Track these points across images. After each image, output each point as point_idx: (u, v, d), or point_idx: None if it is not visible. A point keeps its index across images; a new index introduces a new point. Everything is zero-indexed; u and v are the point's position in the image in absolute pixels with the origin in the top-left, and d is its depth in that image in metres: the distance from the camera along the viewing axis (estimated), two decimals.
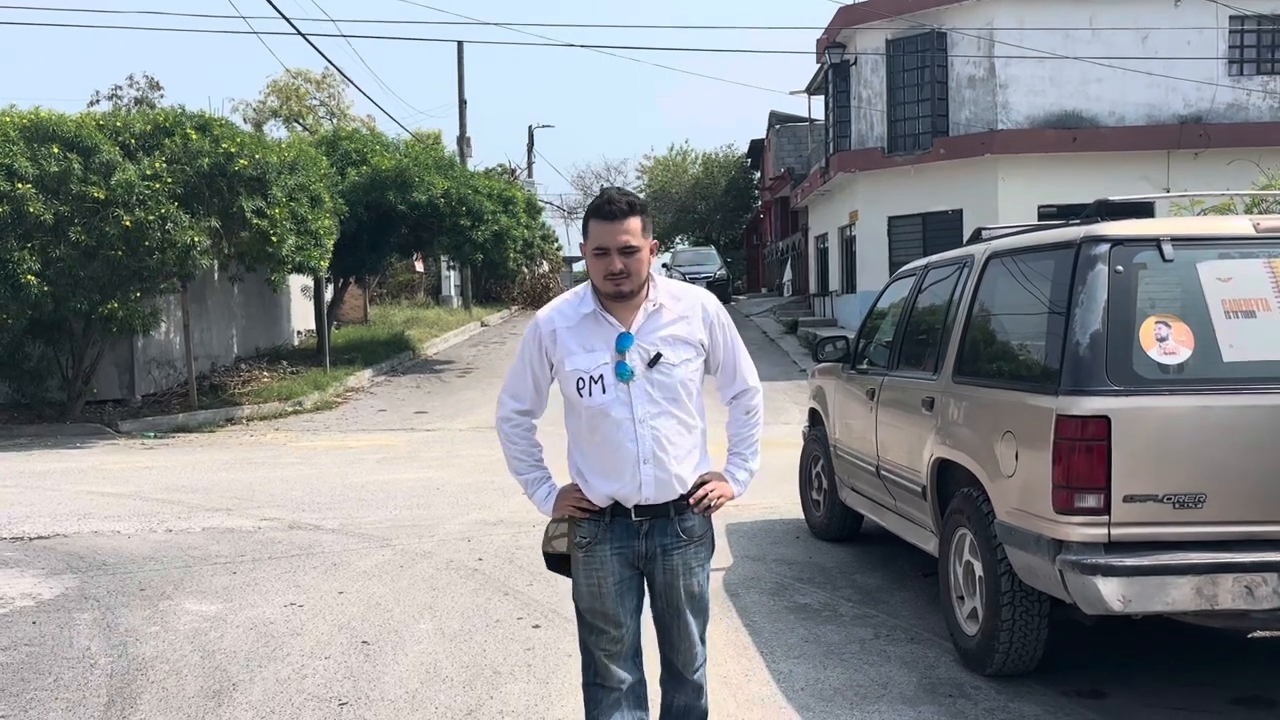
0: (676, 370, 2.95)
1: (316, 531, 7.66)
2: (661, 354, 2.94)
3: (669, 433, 2.95)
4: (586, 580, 3.05)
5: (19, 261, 12.38)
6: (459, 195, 19.52)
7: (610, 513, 3.01)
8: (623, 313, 2.98)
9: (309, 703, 4.34)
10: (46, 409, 14.65)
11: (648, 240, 2.97)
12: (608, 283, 2.93)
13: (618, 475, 2.96)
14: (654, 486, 2.95)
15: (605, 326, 2.97)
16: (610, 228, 2.90)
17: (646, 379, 2.93)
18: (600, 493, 2.99)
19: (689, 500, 3.01)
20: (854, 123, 23.77)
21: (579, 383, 2.95)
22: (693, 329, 3.01)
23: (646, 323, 2.97)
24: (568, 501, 3.05)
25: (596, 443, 2.98)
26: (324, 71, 36.61)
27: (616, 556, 3.02)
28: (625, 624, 3.06)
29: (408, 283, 32.59)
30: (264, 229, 13.82)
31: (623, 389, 2.93)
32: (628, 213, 2.91)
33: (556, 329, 3.03)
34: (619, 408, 2.93)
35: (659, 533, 3.01)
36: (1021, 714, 4.13)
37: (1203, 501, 3.78)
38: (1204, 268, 3.96)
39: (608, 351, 2.95)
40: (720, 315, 3.10)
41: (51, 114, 13.59)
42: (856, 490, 6.47)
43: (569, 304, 3.08)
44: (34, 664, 4.86)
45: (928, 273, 5.85)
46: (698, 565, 3.07)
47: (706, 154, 52.17)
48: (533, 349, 3.10)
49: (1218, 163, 18.79)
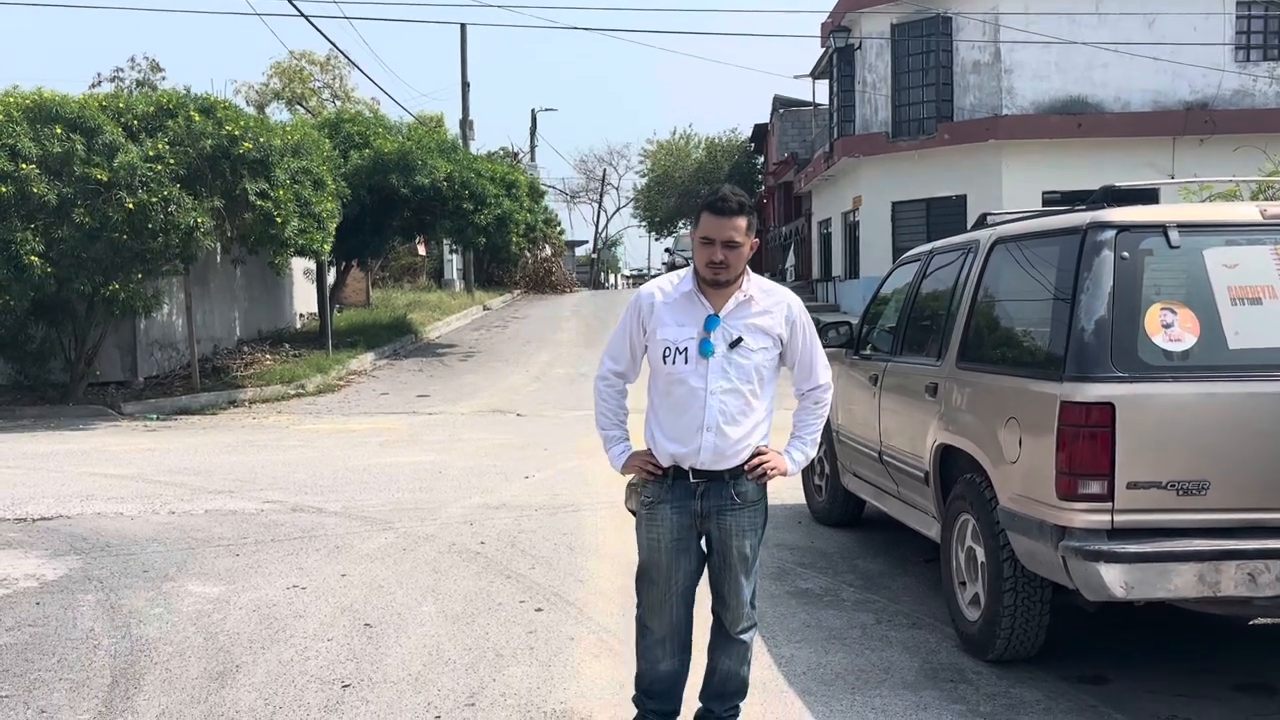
0: (754, 355, 3.29)
1: (319, 514, 7.67)
2: (743, 338, 3.27)
3: (734, 409, 3.27)
4: (648, 535, 3.40)
5: (22, 242, 12.37)
6: (462, 178, 19.47)
7: (672, 475, 3.34)
8: (716, 298, 3.30)
9: (312, 684, 4.35)
10: (49, 390, 14.66)
11: (750, 239, 3.27)
12: (708, 270, 3.23)
13: (682, 438, 3.29)
14: (712, 453, 3.28)
15: (698, 306, 3.30)
16: (719, 222, 3.21)
17: (725, 358, 3.26)
18: (665, 452, 3.33)
19: (744, 468, 3.33)
20: (858, 107, 23.70)
21: (665, 351, 3.29)
22: (775, 323, 3.34)
23: (735, 310, 3.30)
24: (636, 462, 3.40)
25: (670, 406, 3.31)
26: (328, 54, 36.49)
27: (675, 514, 3.35)
28: (675, 577, 3.39)
29: (410, 266, 32.57)
30: (267, 211, 13.78)
31: (702, 363, 3.26)
32: (737, 211, 3.22)
33: (655, 302, 3.36)
34: (695, 378, 3.26)
35: (714, 494, 3.34)
36: (1023, 699, 4.13)
37: (1206, 489, 3.78)
38: (1210, 254, 3.94)
39: (696, 328, 3.28)
40: (803, 316, 3.42)
41: (54, 95, 13.55)
42: (859, 475, 6.47)
43: (671, 281, 3.41)
44: (38, 645, 4.88)
45: (932, 258, 5.83)
46: (750, 529, 3.39)
47: (710, 138, 52.04)
48: (633, 317, 3.42)
49: (1223, 149, 18.73)
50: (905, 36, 22.51)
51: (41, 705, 4.16)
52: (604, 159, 61.00)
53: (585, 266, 53.59)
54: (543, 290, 37.04)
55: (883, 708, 4.07)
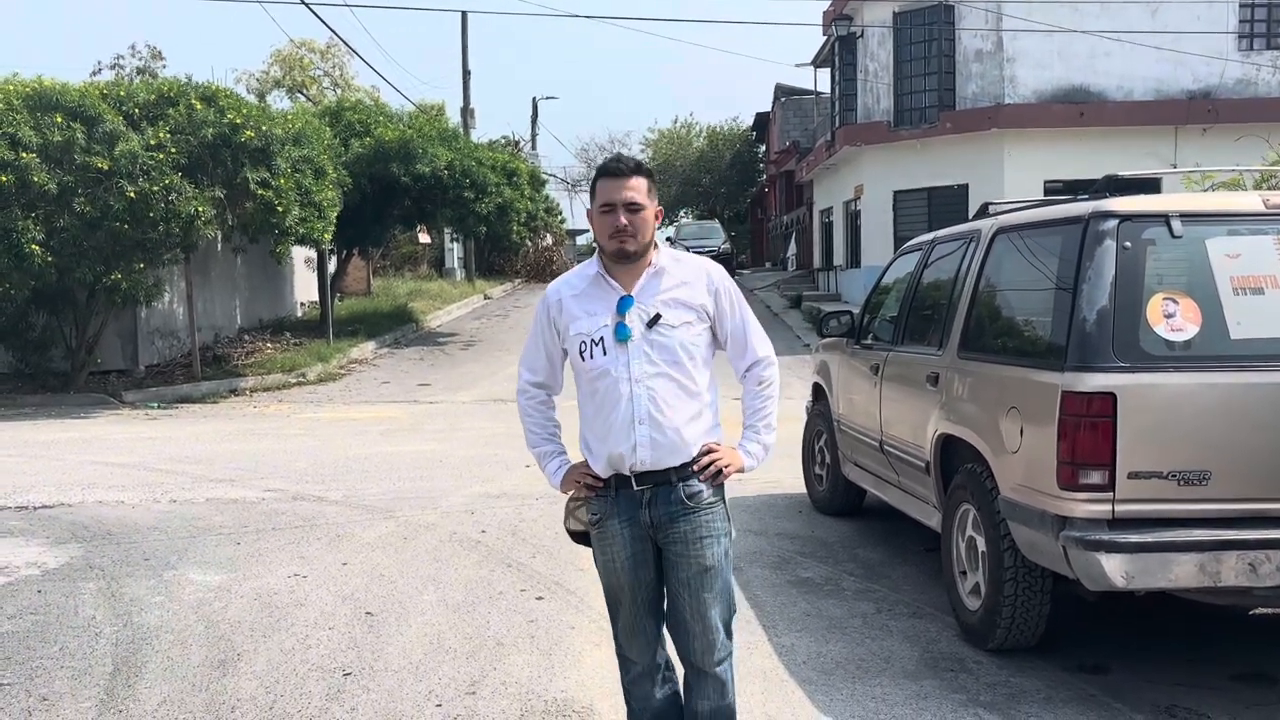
0: (676, 332, 2.95)
1: (320, 503, 7.68)
2: (660, 315, 2.94)
3: (666, 394, 2.93)
4: (602, 556, 3.07)
5: (23, 231, 12.36)
6: (463, 167, 19.45)
7: (615, 485, 3.00)
8: (626, 277, 2.99)
9: (313, 673, 4.36)
10: (50, 379, 14.67)
11: (653, 204, 2.99)
12: (612, 241, 2.94)
13: (614, 437, 2.95)
14: (650, 449, 2.93)
15: (608, 290, 2.99)
16: (616, 184, 2.93)
17: (645, 339, 2.93)
18: (601, 459, 2.99)
19: (693, 467, 2.97)
20: (860, 96, 23.63)
21: (581, 346, 2.98)
22: (695, 293, 3.00)
23: (647, 285, 2.98)
24: (574, 476, 3.08)
25: (597, 406, 2.99)
26: (328, 42, 36.41)
27: (626, 530, 3.00)
28: (639, 595, 3.05)
29: (411, 255, 32.54)
30: (268, 200, 13.77)
31: (621, 350, 2.94)
32: (634, 171, 2.95)
33: (563, 298, 3.06)
34: (617, 367, 2.94)
35: (662, 500, 2.97)
36: (1023, 689, 4.14)
37: (1207, 479, 3.77)
38: (1213, 244, 3.93)
39: (608, 314, 2.96)
40: (725, 283, 3.06)
41: (55, 83, 13.53)
42: (859, 465, 6.48)
43: (576, 273, 3.12)
44: (40, 633, 4.89)
45: (933, 248, 5.82)
46: (708, 536, 2.98)
47: (711, 127, 51.92)
48: (542, 320, 3.12)
49: (1226, 138, 18.63)
50: (907, 25, 22.42)
51: (43, 693, 4.17)
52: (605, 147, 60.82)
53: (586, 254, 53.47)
54: (544, 279, 36.93)
55: (883, 696, 4.08)
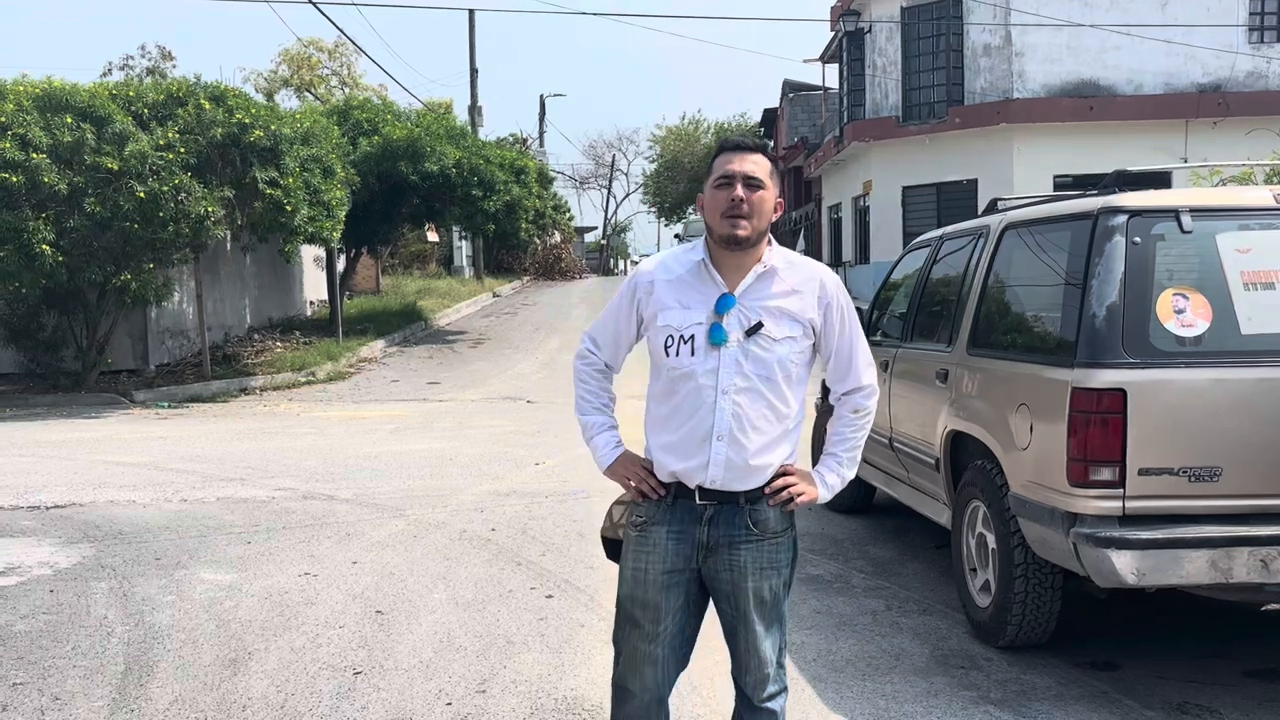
0: (776, 346, 2.64)
1: (330, 501, 7.70)
2: (763, 324, 2.63)
3: (753, 413, 2.63)
4: (633, 564, 2.73)
5: (34, 231, 12.40)
6: (471, 165, 19.47)
7: (674, 492, 2.69)
8: (732, 272, 2.67)
9: (324, 671, 4.37)
10: (61, 379, 14.73)
11: (774, 189, 2.67)
12: (725, 221, 2.61)
13: (687, 449, 2.65)
14: (723, 468, 2.63)
15: (709, 284, 2.67)
16: (738, 155, 2.64)
17: (741, 348, 2.62)
18: (665, 468, 2.69)
19: (764, 490, 2.68)
20: (868, 91, 23.59)
21: (668, 340, 2.66)
22: (804, 306, 2.68)
23: (754, 286, 2.66)
24: (629, 473, 2.76)
25: (671, 408, 2.69)
26: (336, 40, 36.46)
27: (672, 541, 2.69)
28: (664, 620, 2.70)
29: (420, 253, 32.60)
30: (277, 199, 13.80)
31: (712, 354, 2.63)
32: (759, 149, 2.67)
33: (655, 280, 2.74)
34: (704, 373, 2.63)
35: (725, 521, 2.67)
36: (1034, 686, 4.13)
37: (1219, 475, 3.76)
38: (1223, 239, 3.92)
39: (705, 311, 2.65)
40: (840, 296, 2.75)
41: (64, 84, 13.57)
42: (869, 462, 6.46)
43: (676, 255, 2.79)
44: (52, 632, 4.91)
45: (942, 244, 5.81)
46: (771, 568, 2.70)
47: (719, 123, 51.89)
48: (625, 299, 2.81)
49: (1236, 132, 18.60)
50: (915, 20, 22.38)
51: (55, 692, 4.19)
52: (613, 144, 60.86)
53: (595, 253, 53.51)
54: (552, 277, 37.07)
55: (893, 694, 4.07)
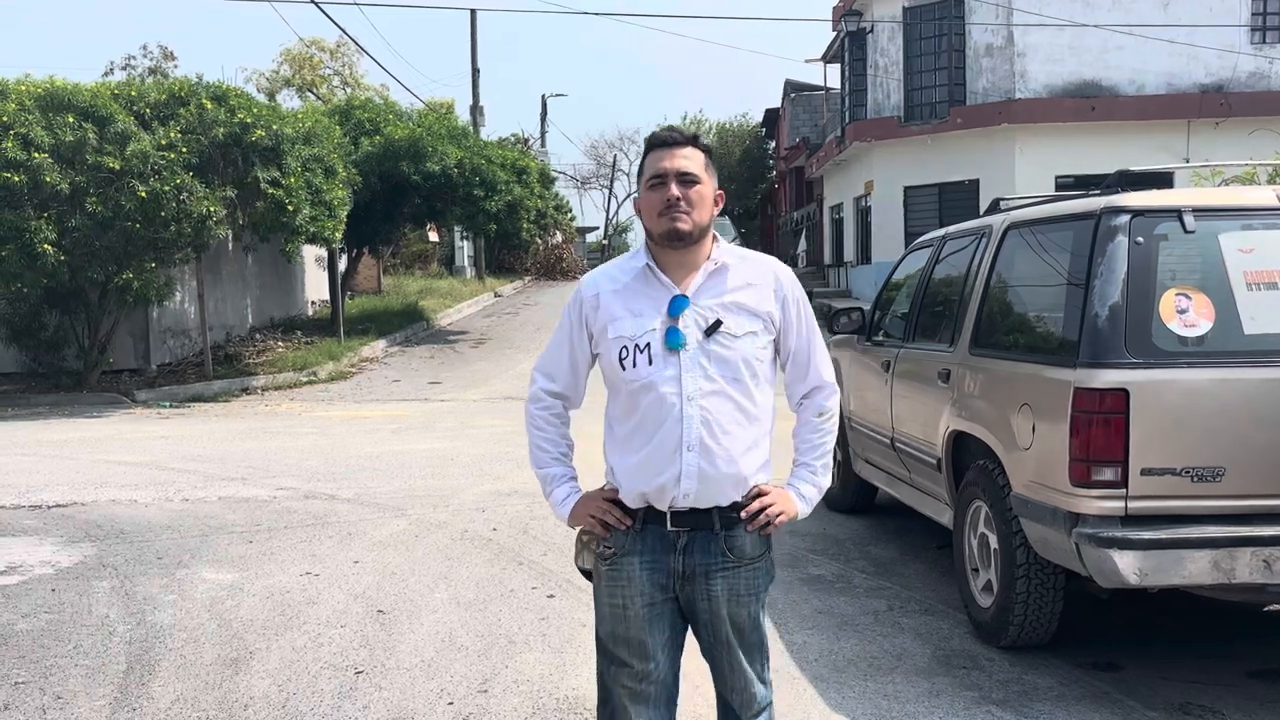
0: (739, 343, 2.48)
1: (332, 501, 7.70)
2: (722, 321, 2.47)
3: (724, 418, 2.46)
4: (610, 600, 2.57)
5: (36, 231, 12.42)
6: (472, 165, 19.48)
7: (642, 518, 2.52)
8: (679, 272, 2.52)
9: (325, 671, 4.37)
10: (63, 378, 14.74)
11: (711, 181, 2.53)
12: (663, 219, 2.46)
13: (655, 464, 2.46)
14: (697, 480, 2.45)
15: (657, 287, 2.51)
16: (668, 153, 2.49)
17: (702, 350, 2.46)
18: (633, 491, 2.50)
19: (739, 513, 2.51)
20: (870, 92, 23.58)
21: (622, 352, 2.49)
22: (761, 298, 2.53)
23: (706, 284, 2.51)
24: (590, 509, 2.57)
25: (634, 425, 2.51)
26: (338, 40, 36.50)
27: (646, 571, 2.52)
28: (654, 657, 2.54)
29: (421, 253, 32.61)
30: (279, 199, 13.82)
31: (672, 360, 2.46)
32: (689, 142, 2.52)
33: (600, 293, 2.57)
34: (666, 381, 2.45)
35: (699, 549, 2.50)
36: (1036, 686, 4.13)
37: (1221, 475, 3.75)
38: (1226, 239, 3.91)
39: (658, 317, 2.48)
40: (795, 290, 2.60)
41: (66, 83, 13.59)
42: (871, 462, 6.46)
43: (619, 264, 2.63)
44: (54, 631, 4.91)
45: (945, 244, 5.81)
46: (749, 594, 2.54)
47: (721, 123, 51.91)
48: (572, 319, 2.63)
49: (1239, 132, 18.60)
50: (917, 20, 22.37)
51: (58, 691, 4.19)
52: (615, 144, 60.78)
53: (596, 253, 53.50)
54: (554, 277, 37.05)
55: (895, 694, 4.07)
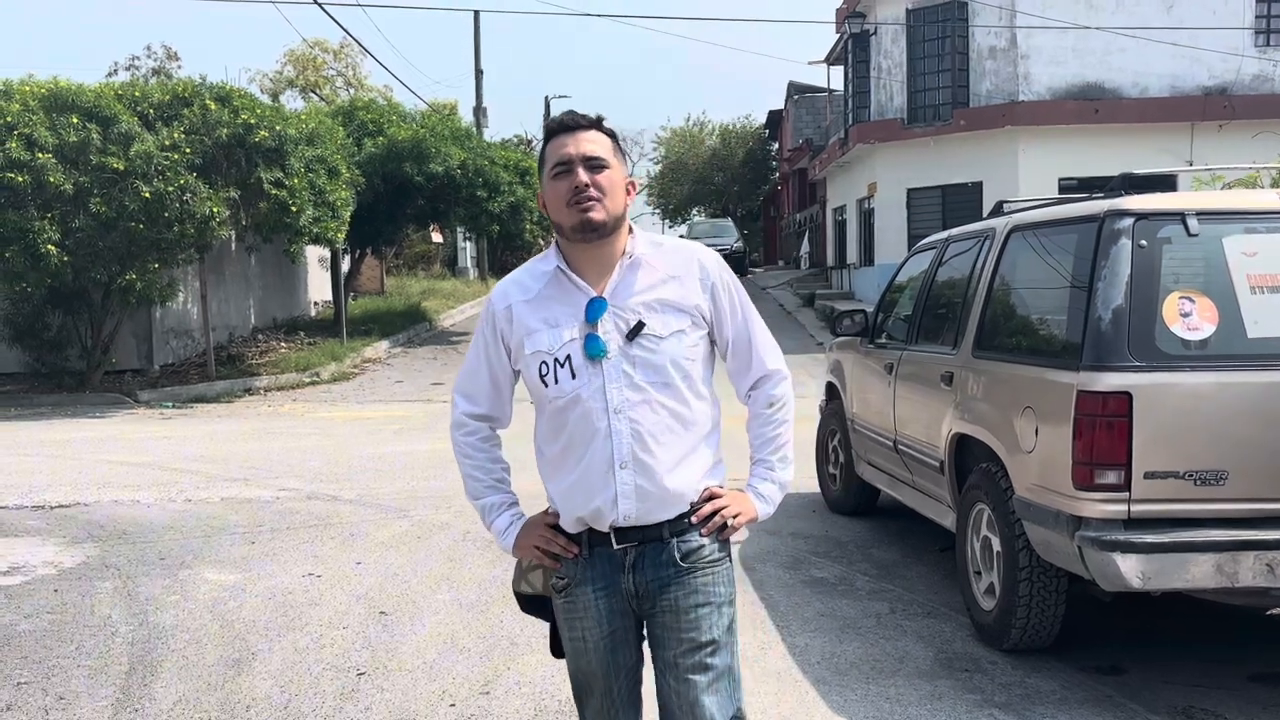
0: (665, 344, 2.27)
1: (334, 502, 7.70)
2: (644, 322, 2.26)
3: (655, 427, 2.27)
4: (569, 633, 2.39)
5: (39, 231, 12.44)
6: (475, 166, 19.50)
7: (589, 542, 2.34)
8: (594, 270, 2.31)
9: (327, 672, 4.37)
10: (66, 378, 14.76)
11: (621, 167, 2.31)
12: (572, 210, 2.24)
13: (589, 486, 2.29)
14: (635, 499, 2.26)
15: (571, 291, 2.31)
16: (571, 137, 2.27)
17: (625, 356, 2.26)
18: (571, 515, 2.34)
19: (691, 519, 2.31)
20: (873, 93, 23.57)
21: (542, 368, 2.30)
22: (686, 291, 2.32)
23: (623, 282, 2.30)
24: (533, 539, 2.42)
25: (563, 445, 2.34)
26: (341, 41, 36.58)
27: (602, 600, 2.33)
28: (617, 681, 2.39)
29: (424, 254, 32.63)
30: (282, 200, 13.83)
31: (594, 370, 2.26)
32: (593, 125, 2.30)
33: (512, 304, 2.36)
34: (590, 394, 2.26)
35: (650, 562, 2.30)
36: (1038, 689, 4.12)
37: (1225, 478, 3.75)
38: (1230, 242, 3.91)
39: (575, 324, 2.28)
40: (724, 275, 2.39)
41: (70, 84, 13.61)
42: (873, 465, 6.46)
43: (529, 269, 2.41)
44: (56, 631, 4.91)
45: (948, 246, 5.80)
46: (705, 604, 2.30)
47: (724, 125, 51.94)
48: (486, 335, 2.42)
49: (1242, 135, 18.55)
50: (920, 22, 22.35)
51: (60, 691, 4.19)
52: None
53: None
54: None
55: (897, 697, 4.06)
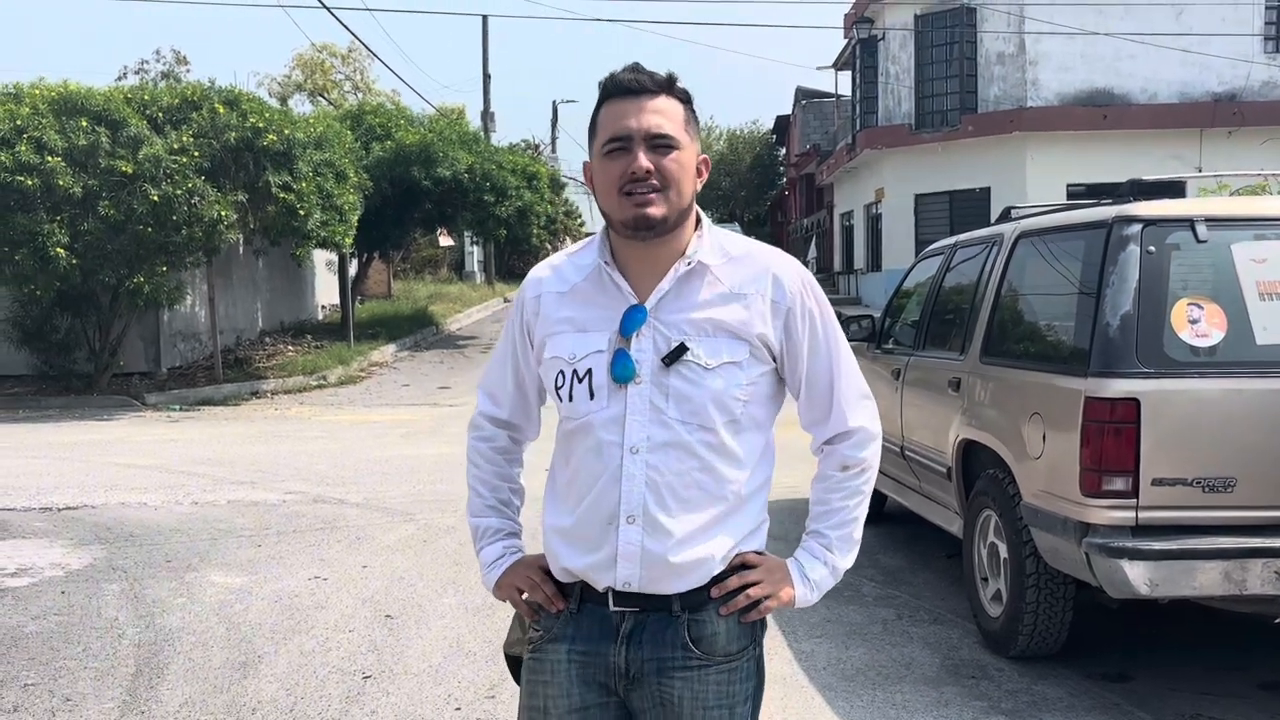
0: (710, 378, 1.77)
1: (340, 505, 7.71)
2: (688, 346, 1.77)
3: (679, 481, 1.78)
4: (528, 700, 1.90)
5: (48, 234, 12.48)
6: (483, 170, 19.54)
7: (579, 593, 1.87)
8: (643, 270, 1.82)
9: (333, 675, 4.37)
10: (74, 380, 14.80)
11: (694, 144, 1.80)
12: (626, 203, 1.75)
13: (586, 537, 1.83)
14: (638, 564, 1.78)
15: (610, 293, 1.84)
16: (635, 104, 1.76)
17: (656, 384, 1.77)
18: (559, 563, 1.90)
19: (710, 592, 1.82)
20: (881, 99, 23.58)
21: (558, 378, 1.86)
22: (751, 316, 1.80)
23: (675, 290, 1.80)
24: (518, 581, 1.98)
25: (569, 477, 1.91)
26: (349, 45, 36.65)
27: (575, 667, 1.85)
28: None
29: (431, 258, 32.67)
30: (290, 204, 13.87)
31: (617, 395, 1.79)
32: (663, 89, 1.78)
33: (543, 294, 1.93)
34: (604, 424, 1.79)
35: (651, 639, 1.81)
36: (1045, 696, 4.11)
37: (1233, 485, 3.74)
38: (1238, 249, 3.89)
39: (607, 332, 1.82)
40: (807, 299, 1.85)
41: (80, 87, 13.65)
42: (881, 470, 6.43)
43: (572, 257, 1.96)
44: (63, 633, 4.92)
45: (955, 252, 5.79)
46: (721, 707, 1.81)
47: (731, 130, 52.08)
48: (515, 326, 2.00)
49: (1252, 142, 18.54)
50: (929, 28, 22.37)
51: (67, 693, 4.20)
52: None
53: None
54: None
55: (904, 703, 4.06)
